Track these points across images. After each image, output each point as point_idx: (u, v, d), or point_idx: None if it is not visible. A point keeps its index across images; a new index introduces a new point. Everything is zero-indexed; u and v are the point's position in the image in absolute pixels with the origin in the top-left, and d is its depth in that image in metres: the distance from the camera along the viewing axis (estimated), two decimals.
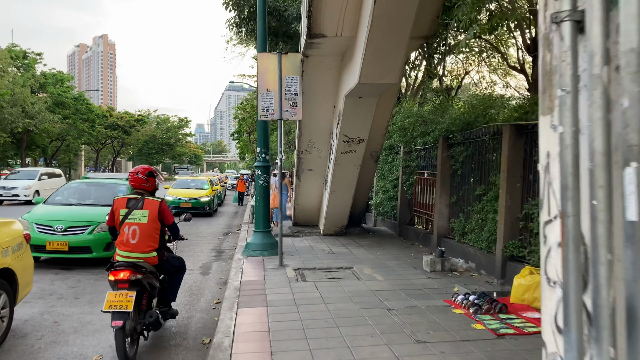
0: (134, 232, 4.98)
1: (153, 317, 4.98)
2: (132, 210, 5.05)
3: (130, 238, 4.98)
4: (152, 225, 5.03)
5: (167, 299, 5.62)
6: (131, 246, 4.99)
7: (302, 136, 11.12)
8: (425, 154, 11.63)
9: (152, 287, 5.08)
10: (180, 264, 5.64)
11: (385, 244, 11.72)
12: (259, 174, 10.46)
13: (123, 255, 4.99)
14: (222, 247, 13.07)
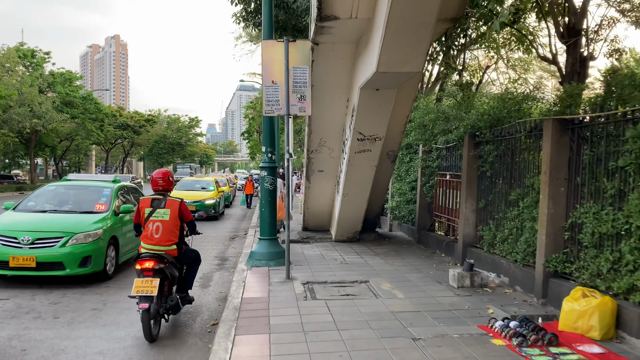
0: (157, 227, 5.77)
1: (174, 301, 5.83)
2: (156, 209, 5.85)
3: (154, 233, 5.76)
4: (173, 222, 5.84)
5: (185, 287, 6.33)
6: (155, 240, 5.76)
7: (312, 134, 10.12)
8: (448, 153, 10.59)
9: (173, 276, 5.86)
10: (195, 256, 6.45)
11: (404, 253, 10.69)
12: (265, 176, 9.48)
13: (147, 248, 5.75)
14: (227, 253, 12.12)
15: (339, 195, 10.67)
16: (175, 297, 5.90)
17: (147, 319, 5.38)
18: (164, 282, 5.71)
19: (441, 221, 10.98)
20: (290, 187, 9.74)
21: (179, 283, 6.22)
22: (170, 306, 5.81)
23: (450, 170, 10.37)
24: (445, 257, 10.07)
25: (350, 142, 9.22)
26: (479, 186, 8.95)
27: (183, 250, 6.10)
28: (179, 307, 6.05)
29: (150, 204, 5.95)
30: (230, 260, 11.15)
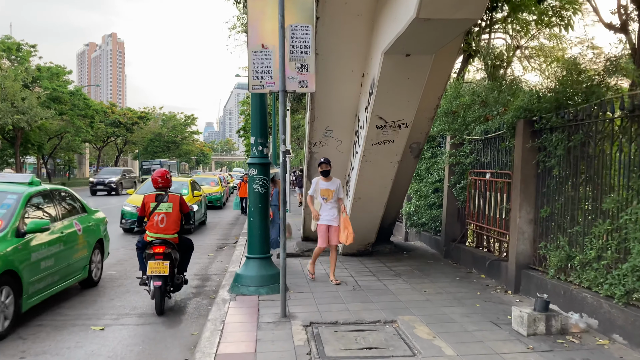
0: (162, 219, 6.69)
1: (180, 280, 6.90)
2: (160, 203, 6.79)
3: (159, 223, 6.68)
4: (175, 214, 6.77)
5: (181, 270, 7.07)
6: (160, 230, 6.67)
7: (316, 121, 7.86)
8: (487, 146, 8.35)
9: (176, 259, 6.75)
10: (190, 244, 7.21)
11: (431, 272, 8.46)
12: (254, 175, 7.24)
13: (153, 236, 6.65)
14: (210, 270, 9.88)
15: (349, 200, 8.44)
16: (180, 277, 6.93)
17: (159, 295, 6.43)
18: (172, 265, 6.58)
19: (478, 232, 8.74)
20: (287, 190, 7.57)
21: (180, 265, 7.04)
22: (176, 285, 6.84)
23: (490, 168, 8.13)
24: (487, 280, 7.82)
25: (366, 130, 6.97)
26: (539, 188, 6.72)
27: (182, 238, 6.98)
28: (181, 285, 7.02)
29: (155, 199, 6.85)
30: (212, 281, 8.91)
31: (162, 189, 6.95)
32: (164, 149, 77.86)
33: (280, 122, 5.93)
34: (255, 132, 7.24)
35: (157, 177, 6.97)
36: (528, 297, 6.63)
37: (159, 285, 6.34)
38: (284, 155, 5.90)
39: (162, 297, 6.47)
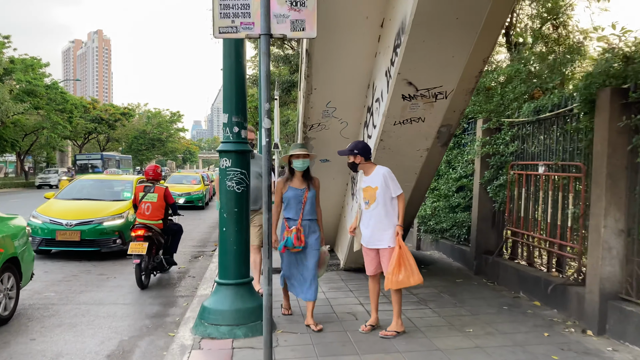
0: (147, 207, 7.74)
1: (158, 260, 7.87)
2: (147, 193, 7.81)
3: (145, 211, 7.73)
4: (159, 203, 7.77)
5: (170, 251, 8.32)
6: (146, 216, 7.71)
7: (313, 94, 5.69)
8: (539, 129, 6.32)
9: (159, 242, 7.77)
10: (178, 228, 8.35)
11: (466, 296, 6.40)
12: (228, 168, 5.13)
13: (140, 222, 7.68)
14: (177, 290, 7.77)
15: (356, 202, 6.35)
16: (159, 257, 7.92)
17: (138, 271, 7.41)
18: (152, 246, 7.58)
19: (526, 242, 6.70)
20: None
21: (165, 249, 8.13)
22: (156, 264, 7.86)
23: (546, 159, 6.10)
24: (546, 310, 5.77)
25: (386, 104, 4.86)
26: (633, 185, 4.69)
27: (167, 224, 8.04)
28: (164, 265, 8.15)
29: (143, 189, 7.90)
30: (178, 307, 6.81)
31: (151, 181, 8.06)
32: (149, 147, 75.62)
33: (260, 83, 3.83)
34: (229, 106, 5.12)
35: (149, 171, 8.18)
36: (623, 344, 4.59)
37: (137, 262, 7.37)
38: (267, 136, 3.78)
39: (140, 273, 7.47)
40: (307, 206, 5.11)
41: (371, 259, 5.02)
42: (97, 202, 10.54)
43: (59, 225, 9.53)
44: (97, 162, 47.02)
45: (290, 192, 5.13)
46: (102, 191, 11.21)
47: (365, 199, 4.95)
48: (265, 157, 3.80)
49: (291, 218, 5.15)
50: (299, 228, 5.05)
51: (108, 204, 10.38)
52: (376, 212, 4.84)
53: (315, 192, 5.19)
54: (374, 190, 4.85)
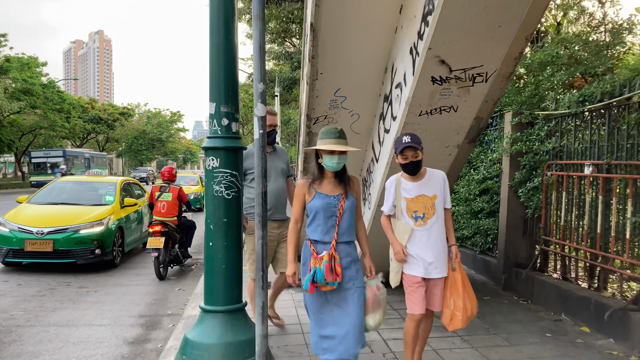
0: (163, 205, 8.42)
1: (174, 253, 8.52)
2: (163, 193, 8.52)
3: (161, 209, 8.41)
4: (174, 202, 8.46)
5: (185, 246, 9.02)
6: (162, 214, 8.39)
7: (320, 79, 4.68)
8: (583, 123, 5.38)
9: (174, 237, 8.49)
10: (192, 224, 9.17)
11: (498, 319, 5.43)
12: (215, 169, 4.16)
13: (157, 219, 8.38)
14: (163, 307, 6.90)
15: (370, 209, 5.41)
16: (175, 250, 8.55)
17: (157, 263, 8.13)
18: (169, 241, 8.30)
19: (566, 255, 5.74)
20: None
21: (180, 243, 8.77)
22: (173, 257, 8.51)
23: (594, 157, 5.16)
24: (598, 337, 4.81)
25: (411, 88, 3.88)
26: None
27: (182, 220, 8.72)
28: (180, 258, 8.75)
29: (159, 189, 8.61)
30: (161, 329, 5.90)
31: (167, 182, 8.71)
32: (149, 147, 74.89)
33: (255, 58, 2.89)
34: (217, 93, 4.16)
35: (164, 172, 8.83)
36: None
37: (155, 255, 8.07)
38: (261, 126, 2.84)
39: (159, 265, 8.14)
40: (345, 221, 3.43)
41: (424, 295, 3.69)
42: (75, 207, 9.43)
43: (29, 233, 8.46)
44: (57, 160, 37.46)
45: (318, 201, 3.42)
46: (81, 194, 10.07)
47: (417, 211, 3.66)
48: (258, 154, 2.86)
49: (319, 240, 3.43)
50: (332, 254, 3.35)
51: (87, 209, 9.28)
52: (436, 228, 3.67)
53: (356, 200, 3.54)
54: (431, 200, 3.67)
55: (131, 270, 9.26)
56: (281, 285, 5.20)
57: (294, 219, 3.54)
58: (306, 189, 3.48)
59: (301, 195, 3.50)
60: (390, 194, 3.79)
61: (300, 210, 3.53)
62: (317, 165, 3.48)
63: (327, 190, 3.46)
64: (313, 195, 3.44)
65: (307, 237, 3.51)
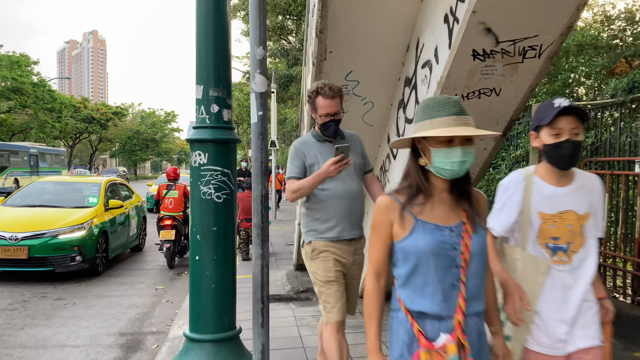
0: (170, 202, 9.19)
1: (183, 244, 9.50)
2: (169, 190, 9.30)
3: (169, 205, 9.18)
4: (180, 198, 9.25)
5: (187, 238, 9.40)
6: (169, 209, 9.16)
7: (329, 60, 3.83)
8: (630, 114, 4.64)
9: (182, 230, 9.28)
10: None
11: None
12: (203, 166, 3.40)
13: (165, 214, 9.16)
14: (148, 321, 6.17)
15: None
16: (184, 242, 9.49)
17: (169, 253, 8.92)
18: (177, 234, 9.02)
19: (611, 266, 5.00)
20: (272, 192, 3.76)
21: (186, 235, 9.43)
22: (181, 247, 9.46)
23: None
24: None
25: (446, 65, 3.06)
26: None
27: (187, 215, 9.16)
28: (186, 250, 9.60)
29: (166, 187, 9.38)
30: (144, 350, 5.14)
31: (172, 181, 9.52)
32: (143, 147, 74.05)
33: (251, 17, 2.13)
34: (205, 73, 3.41)
35: (170, 172, 9.76)
36: None
37: (168, 246, 8.89)
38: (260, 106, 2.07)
39: (172, 255, 8.99)
40: (474, 275, 1.88)
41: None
42: (55, 209, 8.63)
43: (1, 239, 7.59)
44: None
45: (423, 238, 1.85)
46: (62, 196, 9.25)
47: (558, 238, 2.16)
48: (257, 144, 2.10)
49: (430, 314, 1.85)
50: (461, 341, 1.81)
51: (67, 212, 8.47)
52: (585, 271, 2.16)
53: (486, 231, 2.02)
54: (580, 219, 2.17)
55: (116, 278, 8.47)
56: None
57: (373, 272, 1.95)
58: (396, 215, 1.87)
59: (386, 227, 1.90)
60: (514, 201, 2.23)
61: (384, 254, 1.93)
62: (418, 172, 1.90)
63: (439, 216, 1.87)
64: (411, 227, 1.85)
65: (404, 306, 1.89)
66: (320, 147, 3.18)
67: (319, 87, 3.08)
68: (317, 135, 3.23)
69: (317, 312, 5.71)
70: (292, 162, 3.12)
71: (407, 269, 1.86)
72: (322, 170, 2.91)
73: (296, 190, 3.03)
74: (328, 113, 3.07)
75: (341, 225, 3.11)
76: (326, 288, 3.12)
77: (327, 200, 3.11)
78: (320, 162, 3.04)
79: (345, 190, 3.12)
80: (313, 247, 3.14)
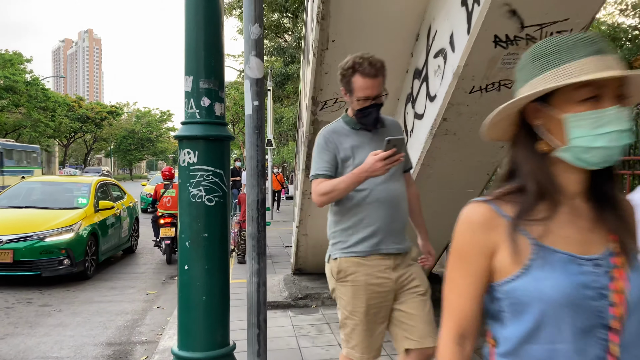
0: (168, 200, 9.47)
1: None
2: (167, 189, 9.61)
3: (167, 203, 9.49)
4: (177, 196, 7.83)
5: None
6: (168, 208, 9.40)
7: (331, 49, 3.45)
8: None
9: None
10: None
11: None
12: (190, 166, 3.06)
13: (163, 212, 9.46)
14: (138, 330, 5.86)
15: None
16: None
17: (168, 249, 9.29)
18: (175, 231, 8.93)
19: None
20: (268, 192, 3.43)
21: None
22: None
23: None
24: None
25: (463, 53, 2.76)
26: None
27: None
28: None
29: (164, 187, 9.73)
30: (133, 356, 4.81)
31: (168, 180, 9.85)
32: (138, 147, 73.80)
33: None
34: (195, 63, 3.06)
35: (165, 172, 10.11)
36: None
37: (168, 243, 9.27)
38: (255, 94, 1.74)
39: (171, 251, 9.29)
40: (634, 336, 1.07)
41: None
42: (42, 211, 8.30)
43: None
44: None
45: (551, 279, 1.06)
46: (50, 197, 8.91)
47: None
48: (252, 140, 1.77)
49: None
50: None
51: (55, 214, 8.13)
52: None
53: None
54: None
55: (106, 283, 8.14)
56: None
57: (454, 332, 1.19)
58: (500, 236, 1.13)
59: (479, 257, 1.15)
60: None
61: (474, 303, 1.18)
62: (540, 165, 1.13)
63: (573, 240, 1.11)
64: (528, 259, 1.10)
65: None
66: (356, 138, 2.56)
67: (356, 62, 2.45)
68: (351, 121, 2.61)
69: (317, 320, 5.40)
70: (320, 155, 2.52)
71: (520, 329, 1.10)
72: (365, 167, 2.29)
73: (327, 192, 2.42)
74: (368, 96, 2.47)
75: (379, 237, 2.48)
76: (351, 321, 2.51)
77: (362, 205, 2.48)
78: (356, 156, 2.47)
79: (387, 192, 2.50)
80: (339, 266, 2.52)
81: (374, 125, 2.58)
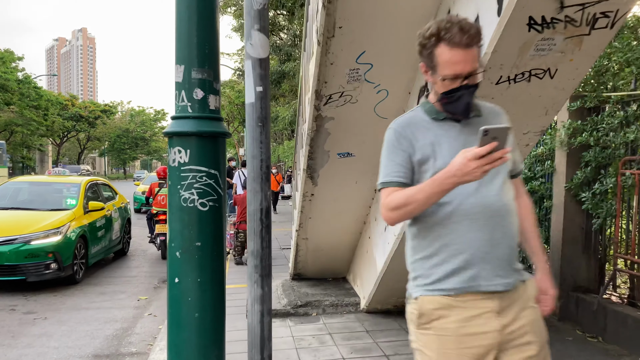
0: (163, 198, 9.40)
1: None
2: (162, 188, 9.61)
3: (161, 201, 9.50)
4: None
5: None
6: (162, 205, 9.38)
7: (337, 37, 3.18)
8: None
9: None
10: None
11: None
12: (181, 166, 2.71)
13: (158, 209, 9.54)
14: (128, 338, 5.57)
15: (395, 234, 4.02)
16: None
17: (163, 245, 9.24)
18: None
19: None
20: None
21: None
22: None
23: None
24: None
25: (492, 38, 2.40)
26: None
27: None
28: None
29: (158, 185, 9.89)
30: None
31: (163, 179, 9.92)
32: (132, 146, 73.33)
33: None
34: (187, 50, 2.71)
35: (160, 171, 10.38)
36: None
37: (163, 239, 9.23)
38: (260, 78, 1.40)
39: (166, 247, 8.75)
40: None
41: None
42: (29, 212, 7.90)
43: None
44: None
45: None
46: (38, 198, 8.50)
47: None
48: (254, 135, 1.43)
49: None
50: None
51: (42, 215, 7.73)
52: None
53: None
54: None
55: (95, 287, 7.76)
56: None
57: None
58: None
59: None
60: None
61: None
62: None
63: None
64: None
65: None
66: (440, 131, 1.85)
67: (441, 27, 1.71)
68: (433, 109, 1.88)
69: (319, 330, 5.05)
70: (390, 157, 1.86)
71: None
72: (453, 170, 1.61)
73: (400, 206, 1.76)
74: (458, 74, 1.72)
75: (474, 268, 1.77)
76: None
77: (447, 225, 1.80)
78: (438, 156, 1.79)
79: (483, 205, 1.78)
80: (421, 309, 1.84)
81: (465, 113, 1.83)
